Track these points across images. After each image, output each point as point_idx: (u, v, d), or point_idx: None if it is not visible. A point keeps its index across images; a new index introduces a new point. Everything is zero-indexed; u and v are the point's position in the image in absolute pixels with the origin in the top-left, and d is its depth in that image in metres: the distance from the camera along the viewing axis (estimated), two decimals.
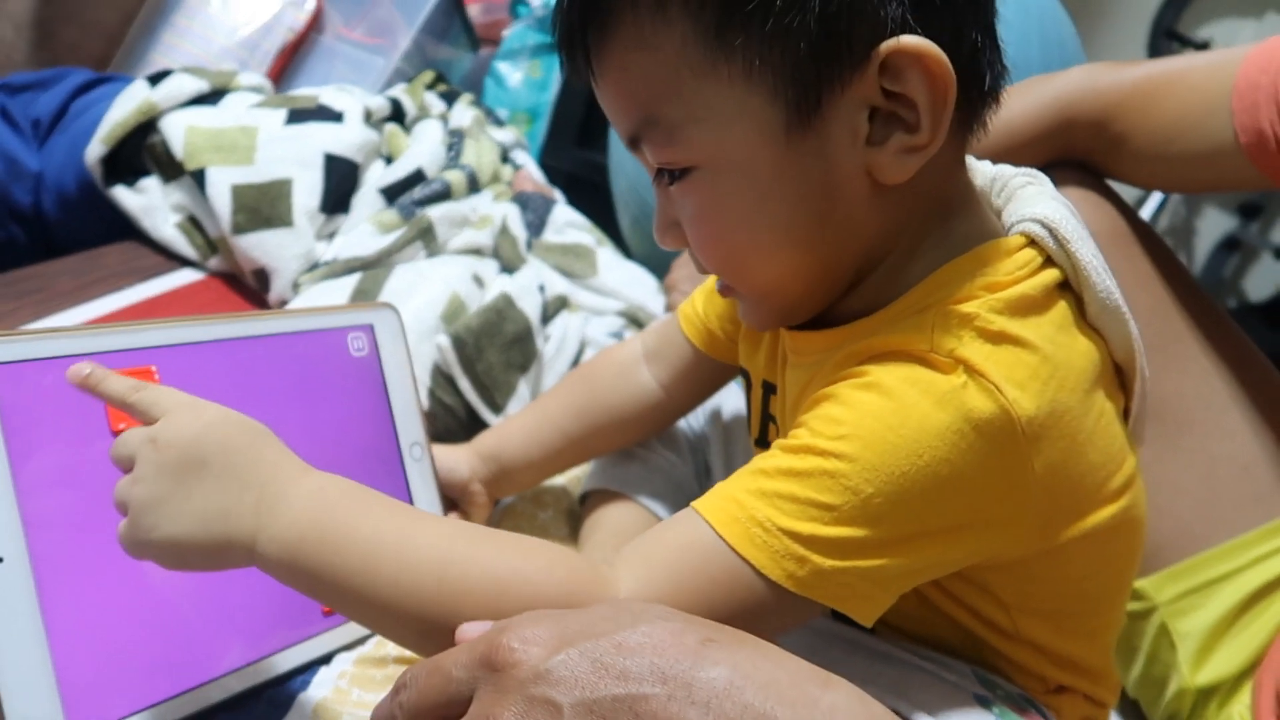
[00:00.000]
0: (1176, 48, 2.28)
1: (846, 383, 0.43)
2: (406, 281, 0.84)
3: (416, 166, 0.97)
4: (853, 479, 0.40)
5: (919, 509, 0.41)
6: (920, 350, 0.42)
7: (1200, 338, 0.69)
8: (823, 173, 0.43)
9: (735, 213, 0.45)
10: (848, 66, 0.41)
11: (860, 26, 0.40)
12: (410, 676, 0.37)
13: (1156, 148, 0.68)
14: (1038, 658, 0.50)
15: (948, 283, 0.44)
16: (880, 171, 0.43)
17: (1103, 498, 0.46)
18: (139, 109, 0.90)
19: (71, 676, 0.46)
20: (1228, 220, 2.38)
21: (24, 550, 0.45)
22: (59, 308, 0.77)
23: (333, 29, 1.35)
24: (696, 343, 0.67)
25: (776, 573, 0.40)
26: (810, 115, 0.42)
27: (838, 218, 0.45)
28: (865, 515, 0.40)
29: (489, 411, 0.80)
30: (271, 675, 0.54)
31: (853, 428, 0.41)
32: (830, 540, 0.40)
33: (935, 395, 0.41)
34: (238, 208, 0.86)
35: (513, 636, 0.35)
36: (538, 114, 1.52)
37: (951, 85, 0.41)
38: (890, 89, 0.41)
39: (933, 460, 0.40)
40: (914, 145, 0.42)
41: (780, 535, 0.40)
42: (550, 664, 0.34)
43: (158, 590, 0.50)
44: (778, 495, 0.41)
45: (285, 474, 0.43)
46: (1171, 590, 0.65)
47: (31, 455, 0.46)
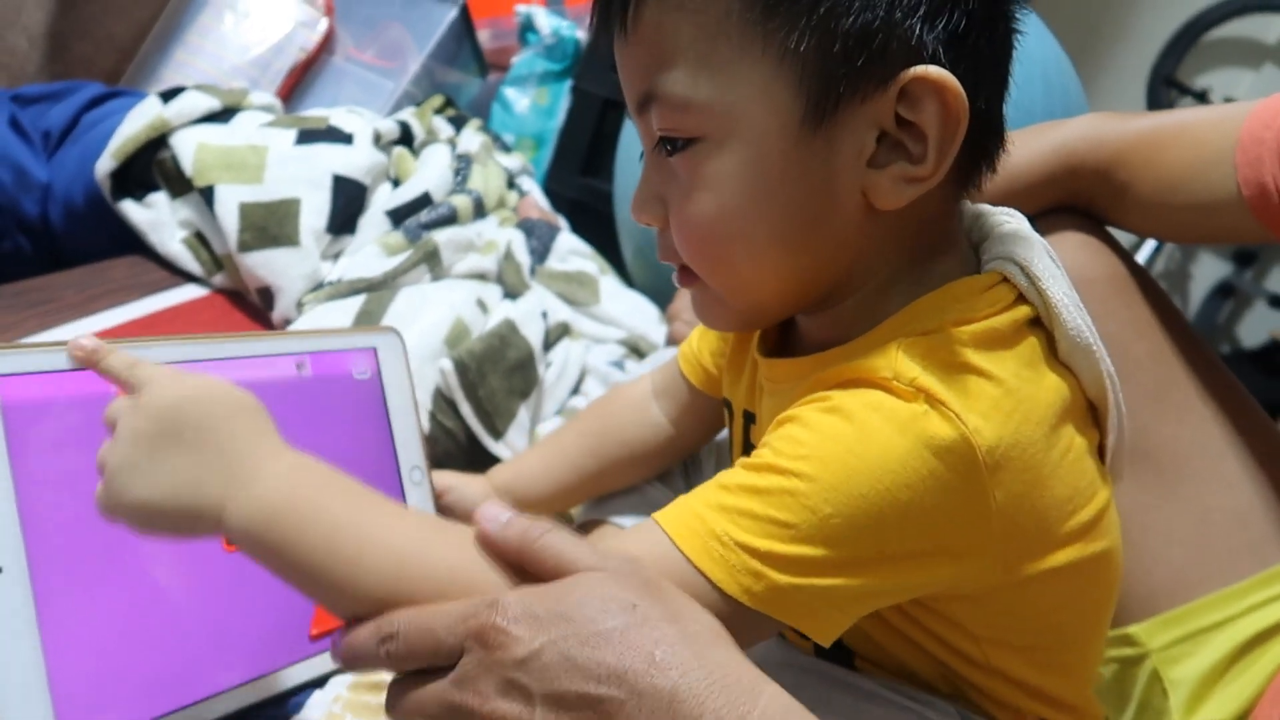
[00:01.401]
0: (1175, 95, 2.31)
1: (810, 406, 0.44)
2: (411, 304, 0.84)
3: (424, 190, 0.97)
4: (812, 499, 0.41)
5: (877, 532, 0.41)
6: (883, 378, 0.43)
7: (1197, 385, 0.69)
8: (823, 179, 0.44)
9: (730, 194, 0.45)
10: (873, 81, 0.42)
11: (895, 45, 0.41)
12: (400, 629, 0.38)
13: (1159, 197, 0.68)
14: (1012, 690, 0.50)
15: (918, 316, 0.45)
16: (876, 195, 0.44)
17: (1069, 533, 0.46)
18: (150, 124, 0.91)
19: (66, 689, 0.45)
20: (1222, 267, 2.40)
21: (23, 562, 0.45)
22: (64, 320, 0.77)
23: (343, 50, 1.36)
24: (694, 381, 0.67)
25: (733, 587, 0.41)
26: (825, 117, 0.42)
27: (826, 229, 0.45)
28: (823, 535, 0.41)
29: (489, 437, 0.80)
30: (265, 696, 0.54)
31: (814, 449, 0.42)
32: (787, 557, 0.41)
33: (897, 422, 0.41)
34: (245, 226, 0.87)
35: (503, 616, 0.37)
36: (544, 140, 1.53)
37: (964, 123, 0.42)
38: (904, 115, 0.42)
39: (892, 485, 0.41)
40: (915, 176, 0.43)
41: (738, 550, 0.41)
42: (527, 652, 0.36)
43: (155, 606, 0.50)
44: (738, 511, 0.41)
45: (262, 449, 0.43)
46: (1164, 637, 0.65)
47: (34, 468, 0.47)
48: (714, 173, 0.44)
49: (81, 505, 0.48)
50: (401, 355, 0.66)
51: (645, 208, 0.48)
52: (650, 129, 0.46)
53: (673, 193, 0.47)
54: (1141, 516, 0.66)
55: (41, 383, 0.48)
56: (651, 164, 0.48)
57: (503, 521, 0.40)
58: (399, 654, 0.38)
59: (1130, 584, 0.66)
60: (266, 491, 0.41)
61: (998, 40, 0.45)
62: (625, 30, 0.45)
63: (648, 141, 0.47)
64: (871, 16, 0.41)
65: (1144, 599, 0.66)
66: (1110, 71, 2.45)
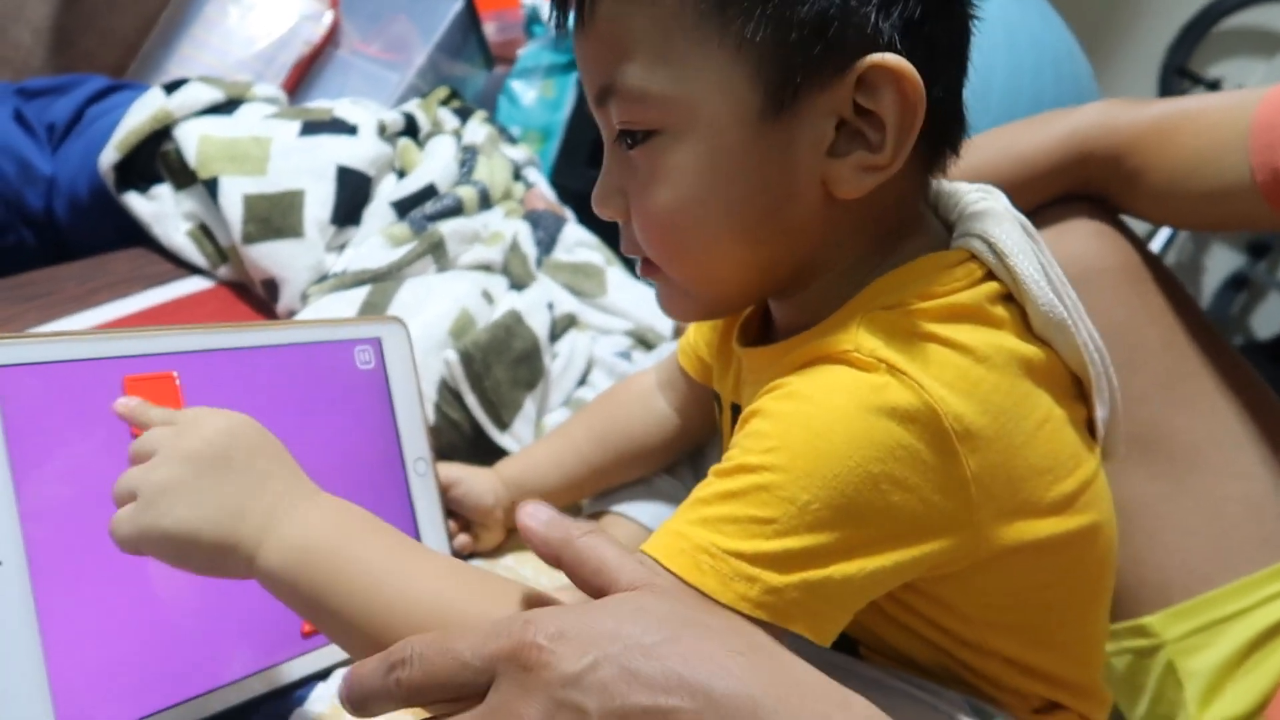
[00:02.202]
0: (1187, 85, 2.29)
1: (770, 396, 0.44)
2: (416, 296, 0.83)
3: (429, 181, 0.97)
4: (787, 489, 0.40)
5: (858, 512, 0.41)
6: (843, 351, 0.43)
7: (1211, 375, 0.68)
8: (782, 169, 0.44)
9: (689, 186, 0.45)
10: (829, 70, 0.42)
11: (850, 33, 0.41)
12: (414, 653, 0.35)
13: (1171, 184, 0.67)
14: (1009, 671, 0.50)
15: (881, 293, 0.45)
16: (836, 184, 0.44)
17: (1050, 504, 0.46)
18: (154, 116, 0.90)
19: (65, 684, 0.45)
20: (1235, 258, 2.38)
21: (22, 555, 0.45)
22: (65, 312, 0.77)
23: (348, 43, 1.36)
24: (692, 373, 0.67)
25: (729, 596, 0.40)
26: (783, 107, 0.42)
27: (787, 218, 0.45)
28: (805, 523, 0.40)
29: (495, 428, 0.79)
30: (267, 689, 0.53)
31: (779, 439, 0.41)
32: (775, 554, 0.40)
33: (857, 397, 0.41)
34: (249, 217, 0.86)
35: (540, 634, 0.34)
36: (550, 133, 1.52)
37: (921, 110, 0.42)
38: (862, 104, 0.42)
39: (863, 460, 0.40)
40: (873, 164, 0.43)
41: (726, 558, 0.40)
42: (579, 668, 0.33)
43: (155, 600, 0.49)
44: (718, 519, 0.41)
45: (299, 489, 0.43)
46: (1179, 628, 0.65)
47: (33, 460, 0.46)
48: (673, 165, 0.44)
49: (80, 498, 0.47)
50: (406, 345, 0.66)
51: (607, 201, 0.49)
52: (609, 121, 0.46)
53: (633, 185, 0.47)
54: (1155, 507, 0.66)
55: (41, 374, 0.47)
56: (612, 157, 0.48)
57: (544, 519, 0.39)
58: (414, 682, 0.35)
59: (1144, 575, 0.66)
60: (304, 530, 0.41)
61: (954, 27, 0.45)
62: (583, 24, 0.45)
63: (608, 135, 0.47)
64: (826, 5, 0.41)
65: (1158, 590, 0.65)
66: (1122, 61, 2.43)
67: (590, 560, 0.38)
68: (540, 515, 0.39)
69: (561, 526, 0.39)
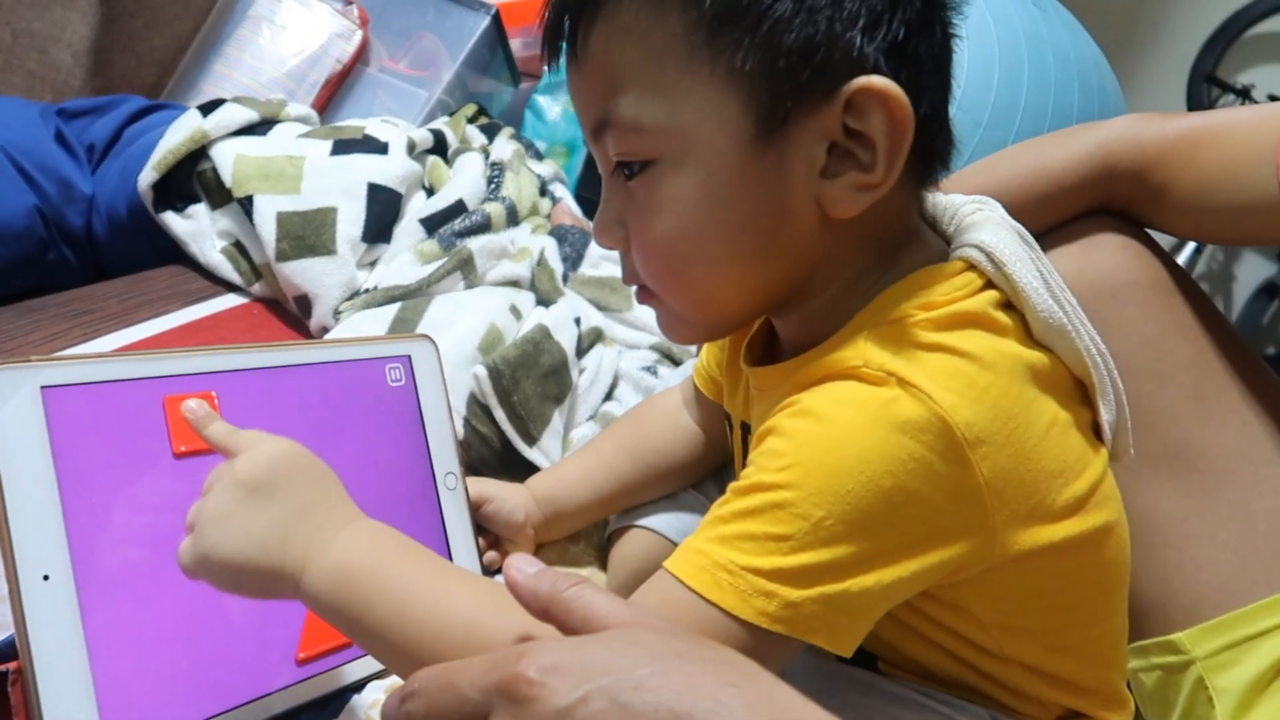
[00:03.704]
0: (1216, 93, 2.27)
1: (782, 414, 0.44)
2: (445, 311, 0.85)
3: (457, 198, 0.98)
4: (801, 506, 0.41)
5: (872, 526, 0.41)
6: (851, 367, 0.43)
7: (1240, 389, 0.68)
8: (777, 193, 0.45)
9: (687, 213, 0.45)
10: (818, 94, 0.42)
11: (837, 58, 0.42)
12: (420, 686, 0.37)
13: (1198, 199, 0.67)
14: (1029, 678, 0.50)
15: (883, 307, 0.45)
16: (830, 204, 0.45)
17: (1063, 507, 0.46)
18: (191, 137, 0.92)
19: (111, 696, 0.46)
20: (1266, 267, 2.35)
21: (69, 570, 0.46)
22: (108, 329, 0.79)
23: (378, 61, 1.38)
24: (707, 393, 0.69)
25: (748, 612, 0.41)
26: (775, 132, 0.43)
27: (784, 239, 0.46)
28: (820, 539, 0.41)
29: (523, 442, 0.80)
30: (301, 702, 0.54)
31: (793, 457, 0.42)
32: (792, 570, 0.41)
33: (868, 412, 0.42)
34: (282, 235, 0.88)
35: (532, 667, 0.34)
36: (575, 147, 1.53)
37: (909, 130, 0.43)
38: (852, 126, 0.43)
39: (875, 474, 0.41)
40: (866, 184, 0.44)
41: (744, 574, 0.41)
42: (570, 701, 0.33)
43: (199, 612, 0.51)
44: (736, 537, 0.42)
45: (340, 515, 0.45)
46: (1209, 644, 0.64)
47: (79, 477, 0.48)
48: (671, 193, 0.45)
49: (127, 512, 0.49)
50: (436, 362, 0.67)
51: (607, 231, 0.49)
52: (606, 154, 0.47)
53: (632, 215, 0.47)
54: (1185, 522, 0.65)
55: (85, 394, 0.49)
56: (610, 188, 0.49)
57: (531, 573, 0.39)
58: (420, 714, 0.36)
59: (1174, 591, 0.65)
60: (344, 554, 0.43)
61: (936, 45, 0.46)
62: (576, 59, 0.46)
63: (605, 166, 0.48)
64: (813, 31, 0.42)
65: (1188, 606, 0.65)
66: (1149, 70, 2.41)
67: (578, 610, 0.38)
68: (527, 569, 0.39)
69: (549, 579, 0.39)
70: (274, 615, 0.53)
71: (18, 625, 0.44)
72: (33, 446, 0.46)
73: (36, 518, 0.46)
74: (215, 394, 0.53)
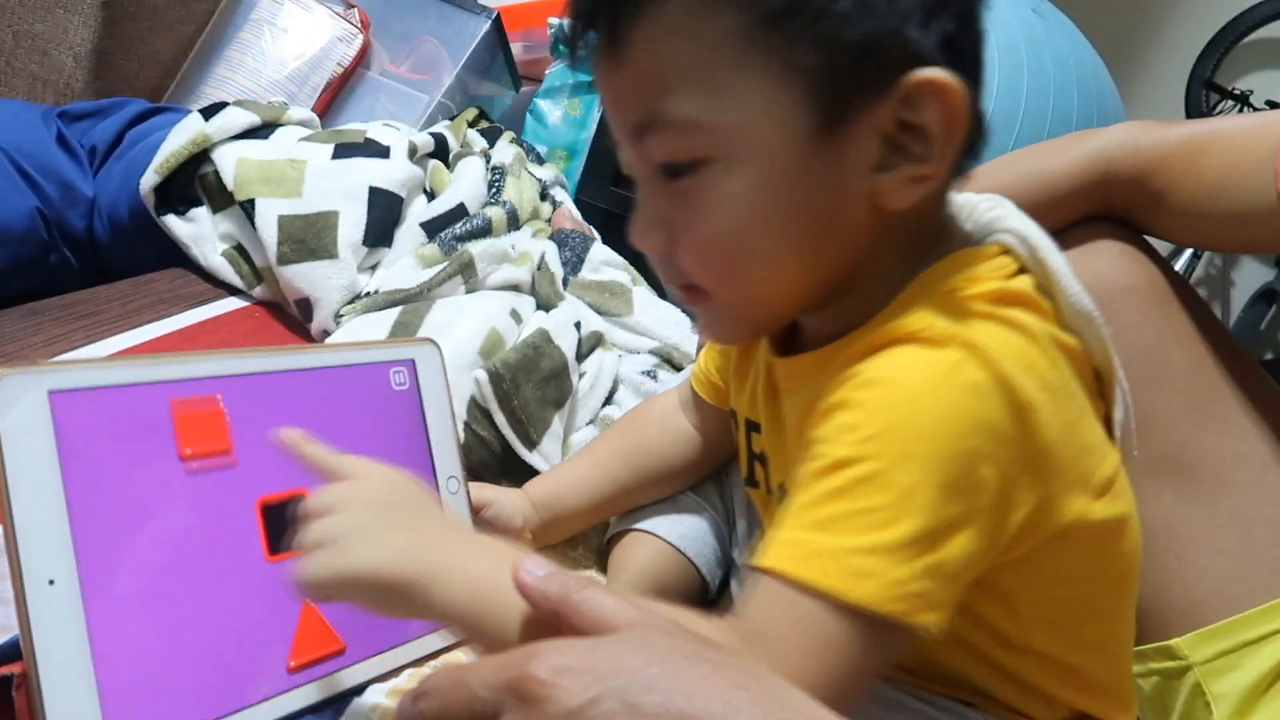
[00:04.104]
0: (1214, 99, 2.28)
1: (847, 387, 0.44)
2: (446, 315, 0.85)
3: (458, 202, 0.98)
4: (889, 474, 0.40)
5: (959, 488, 0.41)
6: (912, 332, 0.43)
7: (1239, 396, 0.68)
8: (833, 187, 0.44)
9: (744, 212, 0.45)
10: (877, 88, 0.42)
11: (895, 52, 0.42)
12: (433, 685, 0.37)
13: (1197, 205, 0.68)
14: (1045, 672, 0.50)
15: (930, 281, 0.46)
16: (885, 197, 0.45)
17: (1099, 483, 0.47)
18: (193, 140, 0.93)
19: (115, 701, 0.46)
20: (1264, 272, 2.36)
21: (74, 574, 0.46)
22: (110, 332, 0.79)
23: (379, 64, 1.38)
24: (706, 397, 0.69)
25: (860, 594, 0.39)
26: (833, 128, 0.43)
27: (837, 234, 0.46)
28: (913, 506, 0.40)
29: (523, 446, 0.80)
30: (303, 705, 0.55)
31: (870, 428, 0.42)
32: (891, 544, 0.40)
33: (937, 375, 0.42)
34: (284, 238, 0.88)
35: (542, 667, 0.34)
36: (576, 151, 1.54)
37: (965, 121, 0.43)
38: (906, 119, 0.43)
39: (954, 436, 0.41)
40: (920, 176, 0.44)
41: (846, 556, 0.40)
42: (581, 702, 0.32)
43: (202, 617, 0.51)
44: (830, 520, 0.41)
45: (455, 531, 0.46)
46: (1207, 650, 0.64)
47: (85, 481, 0.48)
48: (726, 193, 0.45)
49: (133, 517, 0.49)
50: (439, 366, 0.67)
51: (648, 234, 0.48)
52: (647, 155, 0.46)
53: (680, 216, 0.46)
54: (1184, 529, 0.66)
55: (91, 398, 0.49)
56: (650, 189, 0.48)
57: (541, 574, 0.39)
58: (433, 713, 0.37)
59: (1173, 596, 0.65)
60: (474, 567, 0.42)
61: (978, 37, 0.46)
62: (614, 57, 0.45)
63: (643, 168, 0.47)
64: (873, 26, 0.41)
65: (1187, 612, 0.65)
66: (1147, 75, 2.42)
67: (589, 612, 0.37)
68: (536, 570, 0.39)
69: (558, 580, 0.38)
70: (273, 620, 0.54)
71: (22, 629, 0.44)
72: (40, 451, 0.46)
73: (43, 522, 0.46)
74: (220, 397, 0.53)
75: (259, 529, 0.54)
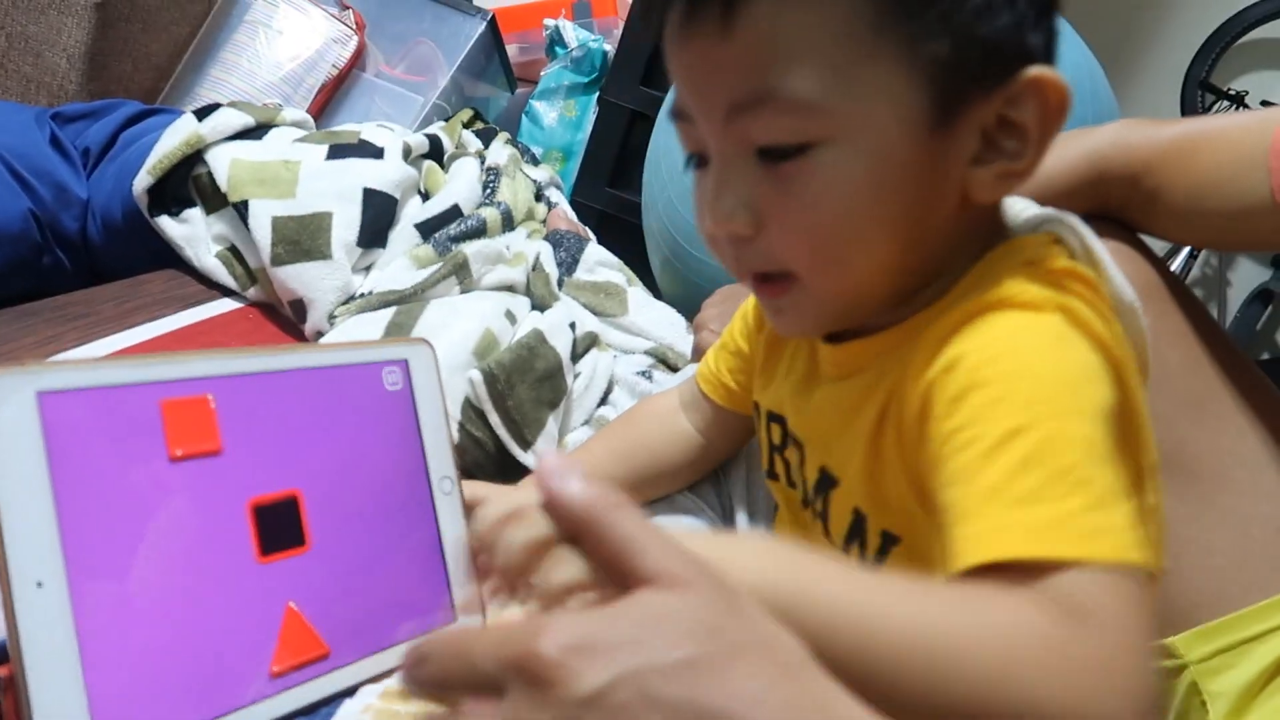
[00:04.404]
0: (1210, 99, 2.28)
1: (963, 369, 0.42)
2: (440, 316, 0.85)
3: (453, 203, 0.98)
4: (1065, 431, 0.39)
5: (1116, 433, 0.40)
6: (1006, 296, 0.43)
7: (1235, 395, 0.68)
8: (936, 178, 0.44)
9: (854, 198, 0.44)
10: (994, 83, 0.42)
11: (1013, 49, 0.42)
12: (432, 651, 0.33)
13: (1191, 203, 0.68)
14: None
15: (1002, 259, 0.46)
16: (977, 190, 0.45)
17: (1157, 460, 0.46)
18: (186, 141, 0.92)
19: (104, 705, 0.46)
20: (1260, 273, 2.36)
21: (63, 577, 0.46)
22: (103, 333, 0.79)
23: (374, 66, 1.38)
24: (716, 399, 0.69)
25: (1100, 552, 0.36)
26: (946, 120, 0.43)
27: (931, 225, 0.46)
28: (1099, 455, 0.39)
29: (518, 447, 0.80)
30: (295, 707, 0.54)
31: (1019, 396, 0.40)
32: (1105, 495, 0.38)
33: (1049, 336, 0.42)
34: (278, 239, 0.88)
35: (551, 644, 0.30)
36: (571, 153, 1.54)
37: (1063, 120, 0.43)
38: (1006, 115, 0.43)
39: (1092, 387, 0.40)
40: (1013, 171, 0.44)
41: (1072, 520, 0.37)
42: (594, 688, 0.29)
43: (193, 618, 0.50)
44: (1035, 491, 0.38)
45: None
46: (1203, 649, 0.64)
47: (74, 483, 0.47)
48: (837, 177, 0.43)
49: (119, 520, 0.49)
50: (433, 367, 0.67)
51: (733, 217, 0.45)
52: (744, 134, 0.44)
53: (777, 200, 0.44)
54: (1180, 528, 0.65)
55: (80, 399, 0.49)
56: (736, 170, 0.45)
57: (574, 480, 0.34)
58: (430, 679, 0.33)
59: (1169, 595, 0.65)
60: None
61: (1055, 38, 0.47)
62: (723, 23, 0.42)
63: (732, 147, 0.45)
64: (1001, 23, 0.42)
65: (1183, 611, 0.65)
66: (1142, 76, 2.42)
67: (614, 539, 0.33)
68: (565, 471, 0.34)
69: (590, 492, 0.34)
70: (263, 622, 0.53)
71: (10, 633, 0.44)
72: (28, 452, 0.46)
73: (31, 524, 0.45)
74: (211, 397, 0.52)
75: (250, 530, 0.53)
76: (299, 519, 0.56)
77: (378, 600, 0.60)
